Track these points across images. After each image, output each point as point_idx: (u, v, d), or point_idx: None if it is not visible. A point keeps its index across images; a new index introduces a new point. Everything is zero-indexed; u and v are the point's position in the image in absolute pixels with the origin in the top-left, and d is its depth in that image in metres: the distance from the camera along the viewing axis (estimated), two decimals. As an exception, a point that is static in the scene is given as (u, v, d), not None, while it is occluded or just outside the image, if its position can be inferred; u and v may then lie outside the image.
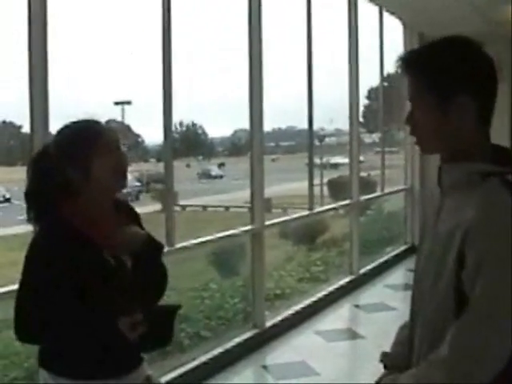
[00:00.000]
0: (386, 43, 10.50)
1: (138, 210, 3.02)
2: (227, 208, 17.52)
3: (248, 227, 6.81)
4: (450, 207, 1.94)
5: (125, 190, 2.92)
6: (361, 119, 13.22)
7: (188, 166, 20.12)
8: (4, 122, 12.39)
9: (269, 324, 6.87)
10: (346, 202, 9.41)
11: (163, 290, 2.89)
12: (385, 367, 2.22)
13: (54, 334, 2.60)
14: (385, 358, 2.25)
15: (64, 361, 2.63)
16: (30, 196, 2.72)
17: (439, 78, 1.89)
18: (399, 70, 1.97)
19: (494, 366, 1.77)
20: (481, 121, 1.91)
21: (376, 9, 9.98)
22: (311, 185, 8.10)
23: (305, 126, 8.18)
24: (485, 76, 1.90)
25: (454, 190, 1.94)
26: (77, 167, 2.64)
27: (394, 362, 2.19)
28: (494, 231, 1.79)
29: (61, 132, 2.79)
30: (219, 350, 6.15)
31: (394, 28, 11.10)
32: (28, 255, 2.62)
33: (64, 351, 2.64)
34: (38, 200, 2.70)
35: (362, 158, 10.57)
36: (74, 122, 2.80)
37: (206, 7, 8.61)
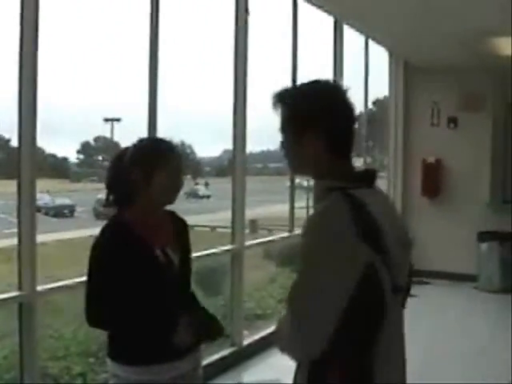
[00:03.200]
0: (373, 69, 10.68)
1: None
2: (213, 228, 17.50)
3: (228, 247, 6.91)
4: None
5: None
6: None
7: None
8: (-9, 135, 12.41)
9: (246, 343, 6.95)
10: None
11: None
12: None
13: (117, 320, 3.04)
14: None
15: (124, 349, 3.05)
16: (108, 188, 3.19)
17: (294, 118, 2.21)
18: (273, 104, 2.26)
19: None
20: (332, 151, 2.18)
21: (362, 36, 10.15)
22: (292, 207, 8.22)
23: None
24: (333, 117, 2.18)
25: (317, 201, 2.21)
26: (142, 171, 3.06)
27: None
28: (308, 230, 2.09)
29: (141, 140, 3.26)
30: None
31: (380, 55, 11.28)
32: (91, 250, 3.04)
33: (125, 340, 3.05)
34: (114, 192, 3.18)
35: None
36: (156, 138, 3.49)
37: (194, 29, 8.75)
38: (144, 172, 3.06)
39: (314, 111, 2.17)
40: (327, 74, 9.16)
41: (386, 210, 2.20)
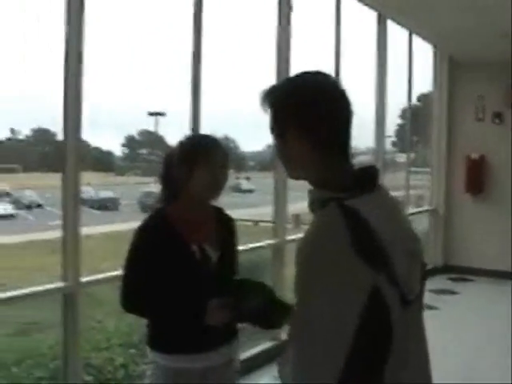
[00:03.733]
0: (417, 64, 10.63)
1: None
2: (256, 222, 17.51)
3: (270, 241, 6.97)
4: None
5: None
6: (394, 138, 13.31)
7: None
8: (39, 129, 12.58)
9: (285, 337, 6.97)
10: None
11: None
12: None
13: (151, 308, 3.16)
14: None
15: (161, 337, 3.18)
16: (161, 184, 3.28)
17: (275, 115, 2.00)
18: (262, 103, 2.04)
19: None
20: (323, 151, 1.96)
21: (406, 30, 10.11)
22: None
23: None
24: (318, 113, 1.94)
25: (311, 211, 1.98)
26: (182, 169, 3.13)
27: None
28: (303, 255, 1.83)
29: (187, 137, 3.32)
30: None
31: (424, 49, 11.21)
32: (132, 239, 3.14)
33: (161, 329, 3.17)
34: (164, 188, 3.26)
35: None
36: (200, 134, 3.60)
37: (238, 23, 8.78)
38: (186, 169, 3.12)
39: (293, 107, 1.96)
40: (370, 69, 9.15)
41: (391, 217, 1.96)
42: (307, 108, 1.94)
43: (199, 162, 3.11)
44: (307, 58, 8.02)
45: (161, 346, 3.17)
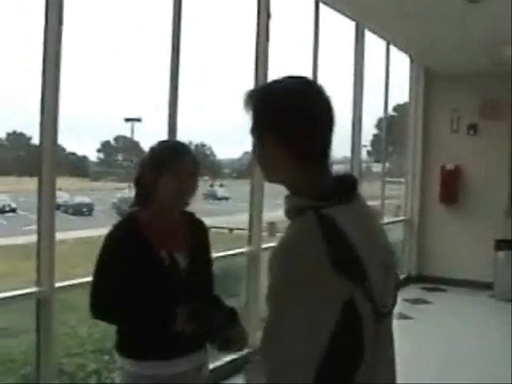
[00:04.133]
0: (394, 74, 10.68)
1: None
2: (231, 230, 17.47)
3: (244, 249, 6.96)
4: None
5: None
6: (369, 148, 13.37)
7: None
8: (14, 133, 12.50)
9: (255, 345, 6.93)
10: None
11: None
12: None
13: (118, 312, 3.12)
14: None
15: (130, 343, 3.15)
16: (135, 188, 3.26)
17: (254, 118, 1.94)
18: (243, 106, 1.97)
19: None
20: (300, 158, 1.90)
21: (383, 41, 10.17)
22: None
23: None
24: (298, 120, 1.88)
25: (287, 218, 1.93)
26: (152, 174, 3.11)
27: None
28: (276, 264, 1.80)
29: (156, 144, 3.27)
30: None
31: (402, 60, 11.26)
32: (102, 243, 3.13)
33: (130, 335, 3.15)
34: (137, 193, 3.23)
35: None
36: (171, 140, 3.56)
37: (216, 29, 8.79)
38: (155, 174, 3.11)
39: (273, 112, 1.90)
40: (348, 78, 9.19)
41: (367, 229, 1.92)
42: (287, 114, 1.88)
43: (167, 167, 3.10)
44: (285, 67, 8.05)
45: (129, 352, 3.14)
